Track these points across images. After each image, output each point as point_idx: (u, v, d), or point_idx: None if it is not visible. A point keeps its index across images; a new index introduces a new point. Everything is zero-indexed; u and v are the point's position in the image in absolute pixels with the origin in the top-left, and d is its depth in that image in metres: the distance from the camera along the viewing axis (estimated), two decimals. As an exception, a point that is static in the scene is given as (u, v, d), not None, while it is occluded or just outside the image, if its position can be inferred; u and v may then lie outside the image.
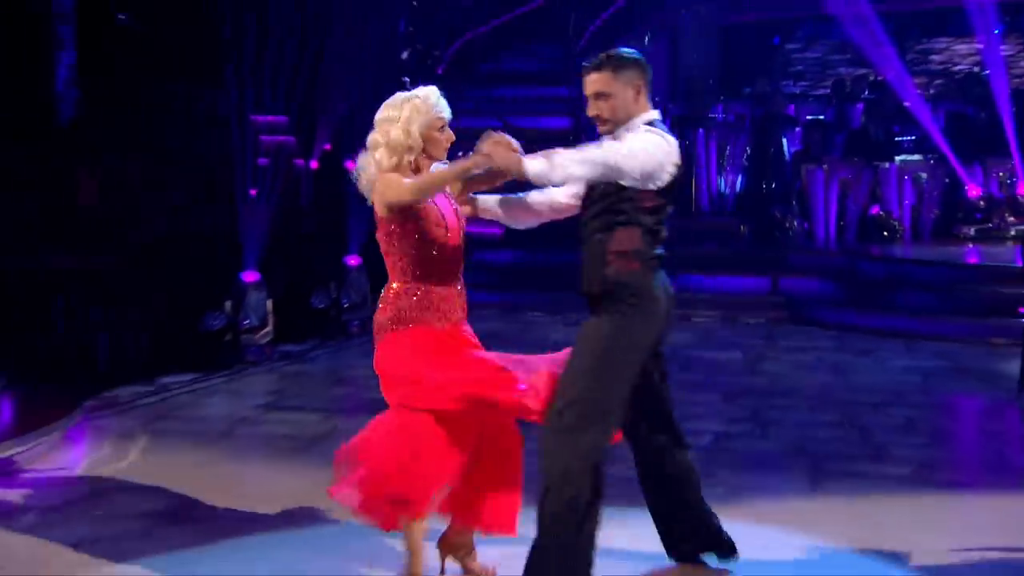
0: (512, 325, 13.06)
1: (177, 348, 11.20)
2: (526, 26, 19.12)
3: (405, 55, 17.79)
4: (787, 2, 19.08)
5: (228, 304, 11.62)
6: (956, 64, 18.79)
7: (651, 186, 4.16)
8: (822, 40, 19.82)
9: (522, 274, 15.16)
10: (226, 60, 14.14)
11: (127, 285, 11.74)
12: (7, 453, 7.78)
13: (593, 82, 4.25)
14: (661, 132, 4.20)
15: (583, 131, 17.51)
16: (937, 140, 15.44)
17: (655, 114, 4.34)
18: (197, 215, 13.76)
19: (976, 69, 17.90)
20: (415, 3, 18.24)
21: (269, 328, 12.03)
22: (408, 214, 4.34)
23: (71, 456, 8.31)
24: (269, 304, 11.92)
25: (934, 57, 18.91)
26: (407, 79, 17.39)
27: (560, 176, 4.08)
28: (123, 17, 15.64)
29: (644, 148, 4.09)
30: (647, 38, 18.79)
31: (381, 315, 4.47)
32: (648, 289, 4.27)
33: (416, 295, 4.44)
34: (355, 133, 14.10)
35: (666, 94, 18.05)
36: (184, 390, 10.21)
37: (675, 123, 16.50)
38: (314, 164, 15.02)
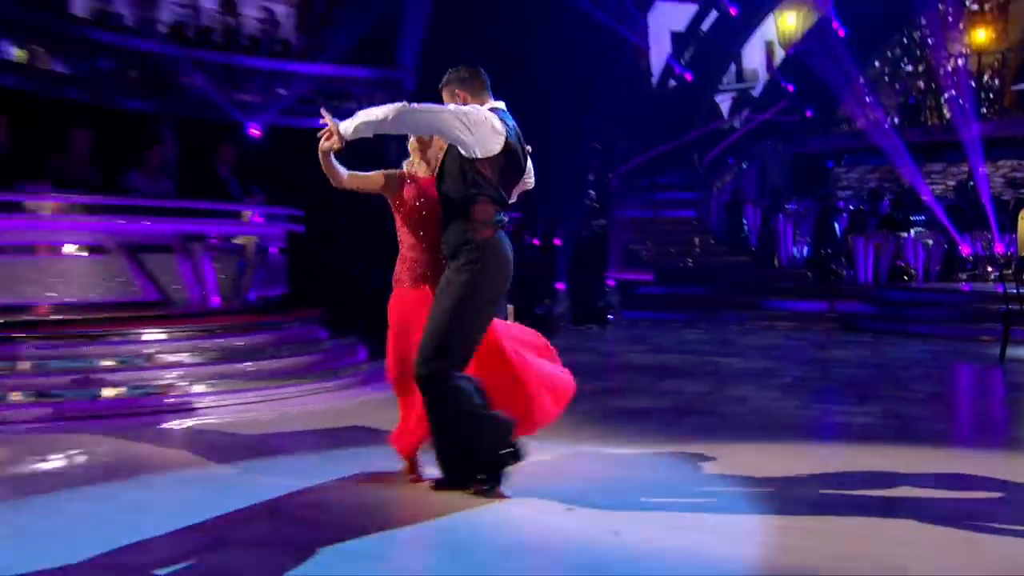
0: (661, 331, 13.89)
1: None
2: (668, 157, 20.09)
3: (592, 177, 20.11)
4: (836, 139, 20.71)
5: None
6: (954, 176, 19.83)
7: (469, 152, 4.13)
8: (860, 164, 21.17)
9: (667, 300, 16.06)
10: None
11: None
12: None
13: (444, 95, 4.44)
14: (496, 115, 4.28)
15: (707, 221, 20.06)
16: (941, 219, 16.93)
17: (499, 104, 4.48)
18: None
19: (965, 178, 18.78)
20: (598, 147, 20.26)
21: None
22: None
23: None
24: (510, 309, 11.50)
25: (936, 169, 20.04)
26: (592, 192, 19.99)
27: (362, 122, 4.07)
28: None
29: (462, 109, 4.20)
30: (744, 163, 20.54)
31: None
32: (499, 250, 4.26)
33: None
34: (551, 213, 16.63)
35: (757, 194, 19.59)
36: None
37: (764, 212, 18.32)
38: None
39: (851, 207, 18.49)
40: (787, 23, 22.06)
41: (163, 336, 7.60)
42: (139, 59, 15.22)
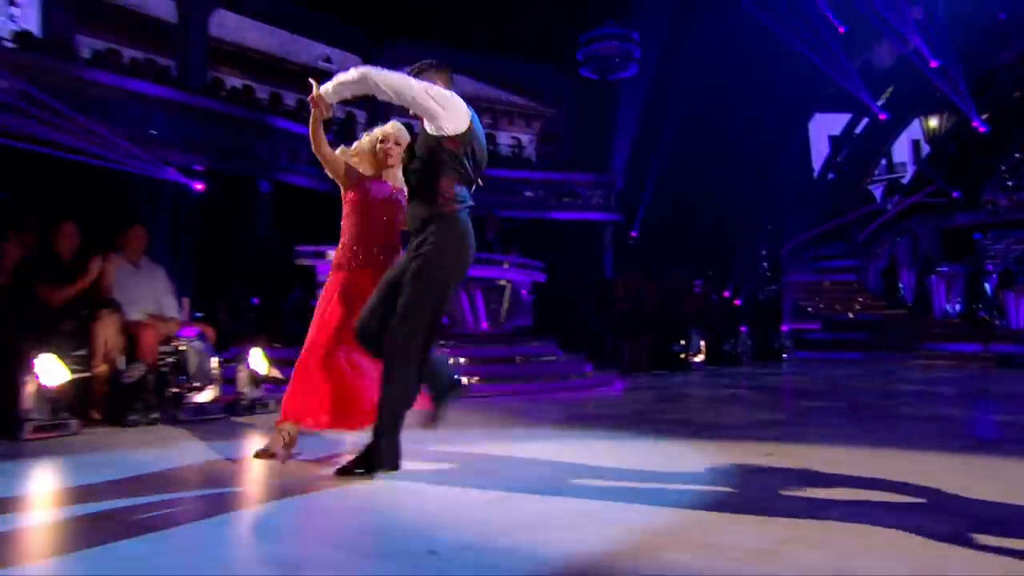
0: (829, 367, 12.72)
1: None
2: (828, 234, 19.53)
3: (764, 252, 19.81)
4: (981, 216, 18.91)
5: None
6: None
7: (441, 125, 3.51)
8: (1005, 237, 18.99)
9: (832, 343, 15.32)
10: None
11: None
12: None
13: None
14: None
15: (866, 283, 19.20)
16: None
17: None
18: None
19: None
20: (770, 229, 20.04)
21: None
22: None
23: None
24: (702, 345, 12.65)
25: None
26: (765, 264, 19.68)
27: (336, 83, 3.63)
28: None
29: (432, 87, 3.55)
30: (897, 237, 19.53)
31: None
32: (462, 226, 3.61)
33: None
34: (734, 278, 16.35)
35: (910, 261, 18.53)
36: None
37: (918, 275, 17.45)
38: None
39: (1000, 270, 17.16)
40: (931, 124, 20.90)
41: (450, 346, 8.00)
42: None
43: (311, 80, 3.80)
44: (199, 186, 13.26)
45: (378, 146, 4.11)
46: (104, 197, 11.39)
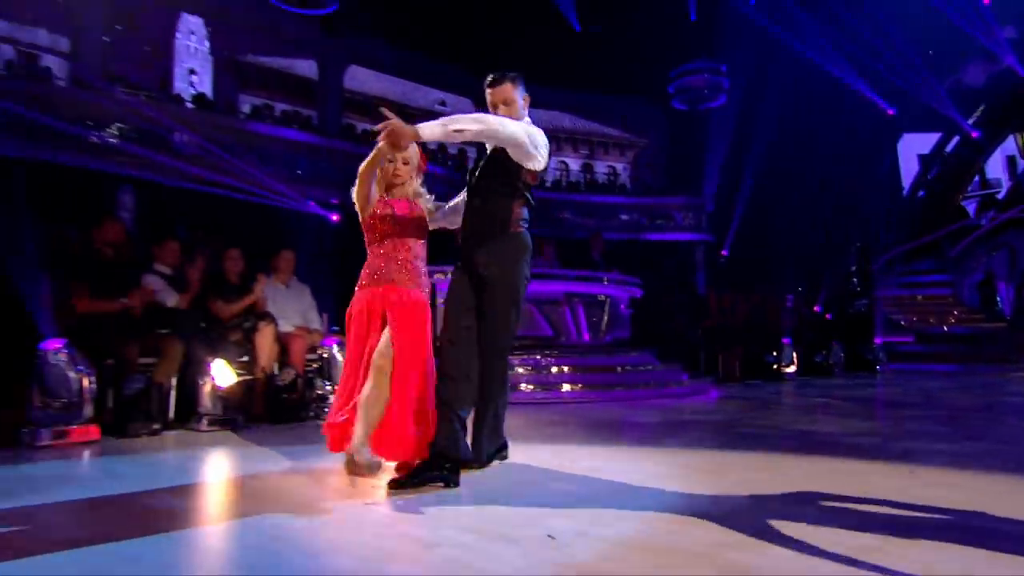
0: (923, 378, 11.93)
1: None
2: (921, 250, 18.61)
3: (853, 267, 19.16)
4: None
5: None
6: None
7: (533, 165, 3.49)
8: None
9: (926, 356, 14.63)
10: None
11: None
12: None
13: (502, 91, 3.58)
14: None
15: (960, 296, 18.06)
16: None
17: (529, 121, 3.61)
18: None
19: None
20: (859, 245, 19.18)
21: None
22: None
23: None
24: (794, 355, 12.73)
25: None
26: (855, 280, 18.87)
27: (453, 129, 3.24)
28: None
29: (532, 129, 3.47)
30: (993, 251, 18.42)
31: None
32: (527, 241, 3.59)
33: None
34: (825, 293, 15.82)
35: (1008, 274, 17.29)
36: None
37: (1016, 288, 16.50)
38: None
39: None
40: (1025, 139, 19.65)
41: (555, 356, 8.05)
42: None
43: (384, 108, 3.31)
44: (335, 217, 13.88)
45: (387, 165, 3.70)
46: (260, 228, 12.10)
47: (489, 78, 3.65)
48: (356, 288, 3.69)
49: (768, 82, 17.38)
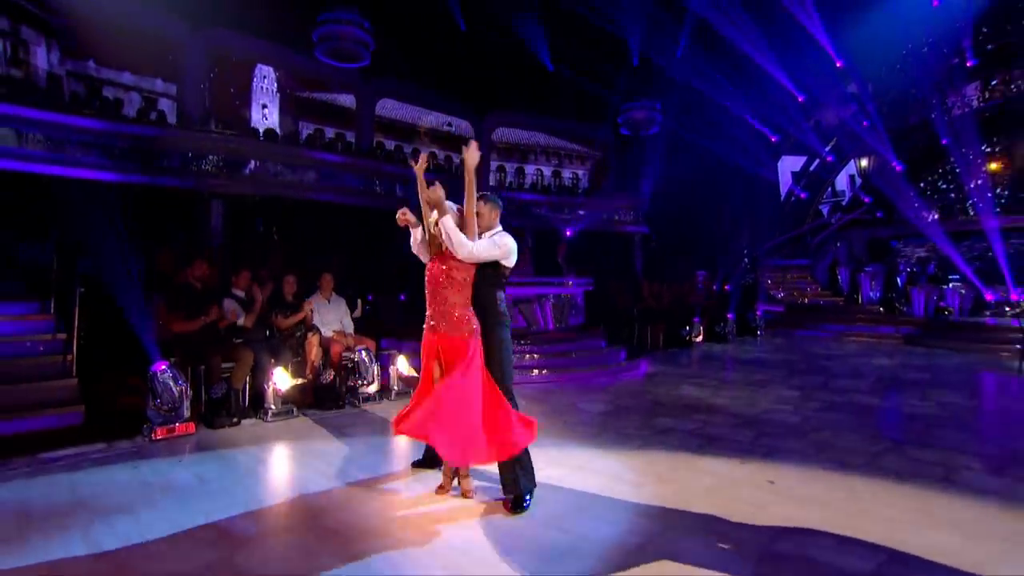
0: (789, 339, 12.25)
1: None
2: (791, 241, 18.28)
3: (745, 252, 18.93)
4: (896, 229, 17.37)
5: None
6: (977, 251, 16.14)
7: (509, 264, 3.43)
8: (912, 244, 17.49)
9: (792, 321, 14.07)
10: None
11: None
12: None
13: (477, 208, 3.41)
14: (508, 235, 3.46)
15: (815, 277, 18.08)
16: (972, 279, 14.04)
17: (499, 227, 3.47)
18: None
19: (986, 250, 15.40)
20: (750, 237, 19.42)
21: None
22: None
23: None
24: (701, 328, 12.39)
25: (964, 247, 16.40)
26: (746, 261, 18.66)
27: (470, 246, 3.26)
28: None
29: (511, 243, 3.39)
30: (838, 243, 17.86)
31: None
32: (507, 320, 3.44)
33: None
34: (725, 272, 15.61)
35: (846, 261, 17.11)
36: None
37: (851, 272, 16.05)
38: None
39: (907, 269, 15.89)
40: (863, 163, 19.30)
41: (528, 344, 7.70)
42: (516, 204, 15.89)
43: (402, 213, 3.35)
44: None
45: (434, 230, 3.38)
46: (312, 223, 11.90)
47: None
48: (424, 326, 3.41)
49: (689, 114, 17.03)
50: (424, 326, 3.39)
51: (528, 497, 3.22)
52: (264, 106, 14.93)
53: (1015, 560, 2.62)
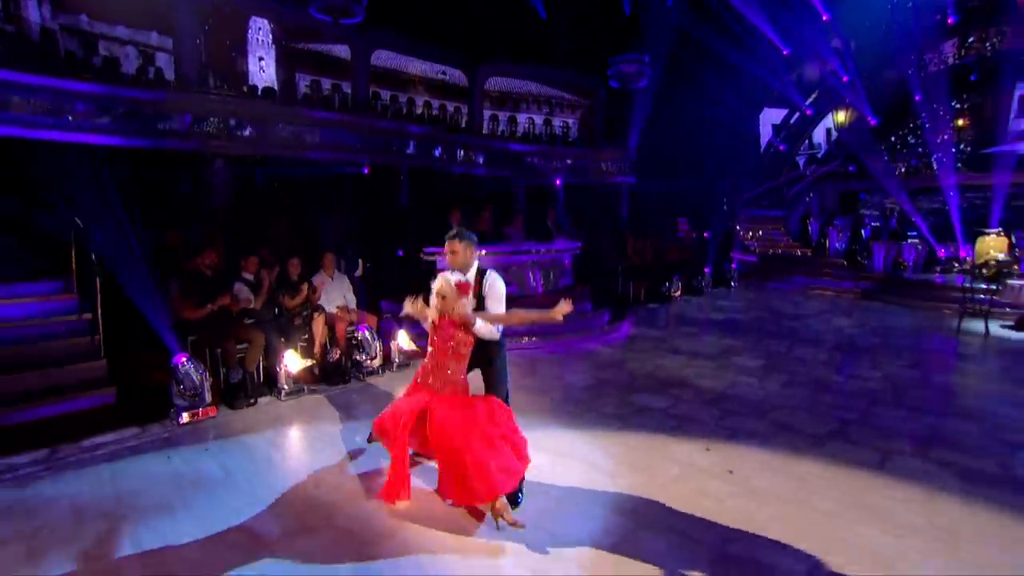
0: (759, 292, 12.47)
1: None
2: (768, 192, 18.19)
3: (725, 200, 18.79)
4: (865, 183, 17.10)
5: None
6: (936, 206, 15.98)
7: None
8: (877, 197, 17.42)
9: (764, 272, 14.22)
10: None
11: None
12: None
13: (451, 244, 3.41)
14: (496, 276, 3.43)
15: (789, 229, 18.07)
16: (926, 234, 14.26)
17: (476, 263, 3.48)
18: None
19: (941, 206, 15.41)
20: (730, 187, 19.21)
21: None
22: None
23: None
24: (679, 284, 12.87)
25: (923, 204, 16.08)
26: (726, 208, 18.61)
27: (494, 329, 3.36)
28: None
29: (502, 287, 3.45)
30: (811, 195, 18.06)
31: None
32: (505, 340, 3.51)
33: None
34: (706, 219, 15.68)
35: (818, 213, 17.19)
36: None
37: (821, 224, 16.03)
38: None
39: (872, 224, 15.96)
40: (840, 117, 18.99)
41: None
42: (509, 154, 15.58)
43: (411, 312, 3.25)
44: (366, 169, 13.19)
45: (434, 300, 3.29)
46: (315, 180, 11.61)
47: (448, 234, 3.44)
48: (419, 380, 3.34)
49: (676, 72, 16.46)
50: (421, 370, 3.32)
51: (520, 494, 3.37)
52: (260, 59, 14.16)
53: (930, 557, 2.81)
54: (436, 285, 3.25)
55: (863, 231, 15.11)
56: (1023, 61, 14.51)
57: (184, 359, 4.73)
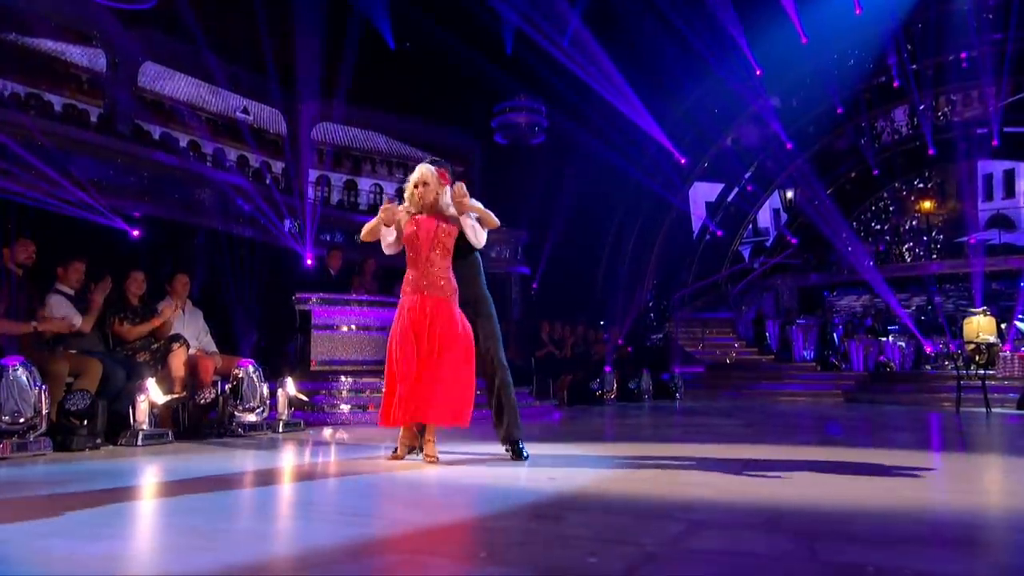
0: (712, 400, 13.82)
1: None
2: (707, 289, 21.73)
3: (651, 302, 21.84)
4: (829, 276, 21.78)
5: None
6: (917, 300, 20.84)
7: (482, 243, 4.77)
8: (847, 294, 22.22)
9: (714, 382, 16.63)
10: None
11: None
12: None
13: (422, 176, 4.55)
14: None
15: (738, 332, 21.44)
16: (914, 331, 17.83)
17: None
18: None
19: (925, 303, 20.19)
20: (655, 282, 22.44)
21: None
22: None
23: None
24: (615, 385, 14.63)
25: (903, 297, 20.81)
26: (652, 315, 21.52)
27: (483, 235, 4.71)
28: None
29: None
30: (763, 292, 21.52)
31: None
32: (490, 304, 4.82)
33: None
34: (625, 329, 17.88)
35: (774, 313, 20.57)
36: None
37: (780, 325, 19.27)
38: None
39: (840, 323, 19.63)
40: (788, 195, 23.63)
41: None
42: (345, 230, 16.88)
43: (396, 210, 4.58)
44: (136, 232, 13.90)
45: (412, 191, 4.53)
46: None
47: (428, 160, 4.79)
48: (404, 292, 4.53)
49: (580, 125, 19.03)
50: (404, 288, 4.50)
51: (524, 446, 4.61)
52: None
53: None
54: (416, 175, 4.56)
55: (833, 332, 18.72)
56: (977, 135, 20.05)
57: (16, 363, 5.21)
